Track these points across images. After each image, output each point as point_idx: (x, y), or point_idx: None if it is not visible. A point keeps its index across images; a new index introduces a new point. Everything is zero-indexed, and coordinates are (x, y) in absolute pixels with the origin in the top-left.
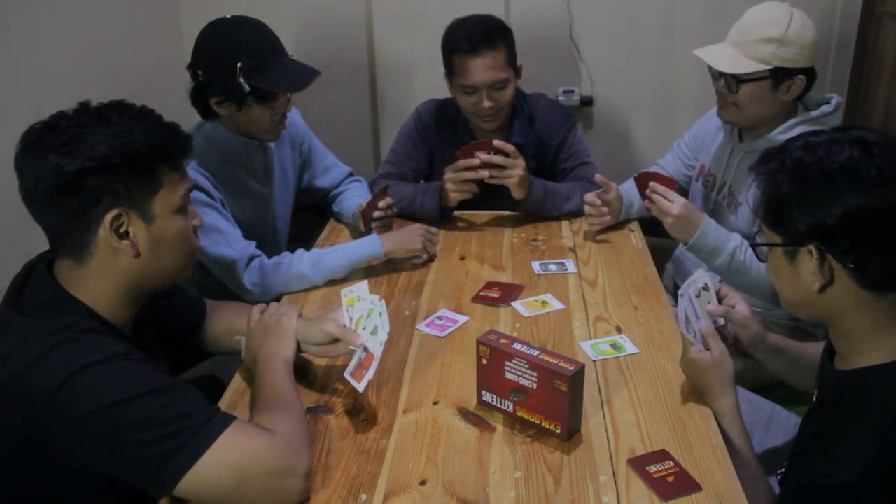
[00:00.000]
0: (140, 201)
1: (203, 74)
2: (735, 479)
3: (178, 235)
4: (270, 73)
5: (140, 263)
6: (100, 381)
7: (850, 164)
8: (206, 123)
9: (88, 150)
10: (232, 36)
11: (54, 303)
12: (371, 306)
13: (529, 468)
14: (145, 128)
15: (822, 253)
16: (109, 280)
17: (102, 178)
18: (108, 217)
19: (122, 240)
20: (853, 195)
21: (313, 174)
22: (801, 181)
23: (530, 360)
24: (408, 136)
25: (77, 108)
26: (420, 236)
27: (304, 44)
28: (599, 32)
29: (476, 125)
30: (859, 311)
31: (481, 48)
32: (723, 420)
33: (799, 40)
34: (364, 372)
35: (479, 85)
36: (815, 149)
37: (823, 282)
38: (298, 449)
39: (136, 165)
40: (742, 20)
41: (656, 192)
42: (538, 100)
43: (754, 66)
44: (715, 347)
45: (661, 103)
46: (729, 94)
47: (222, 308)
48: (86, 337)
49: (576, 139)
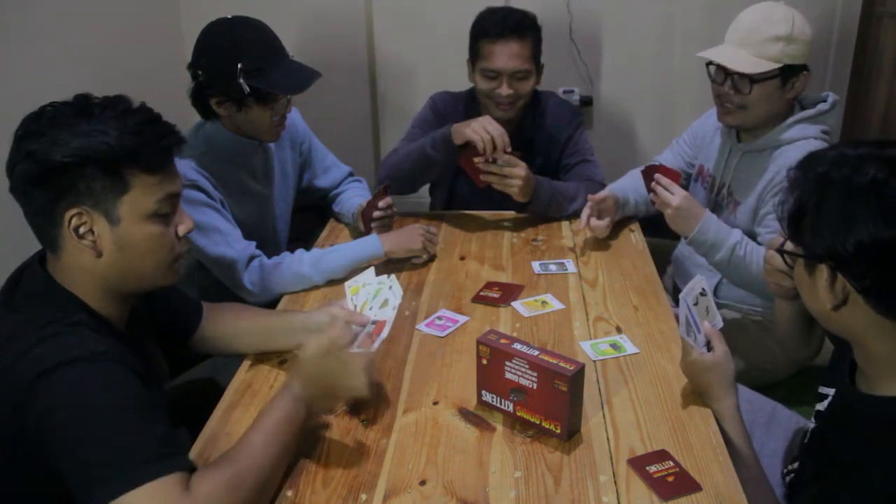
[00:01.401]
0: (104, 202)
1: (203, 74)
2: (735, 479)
3: (147, 241)
4: (271, 74)
5: (106, 263)
6: (72, 380)
7: (871, 188)
8: (205, 123)
9: (57, 146)
10: (232, 36)
11: (46, 294)
12: (378, 286)
13: (529, 468)
14: (123, 128)
15: (834, 273)
16: (86, 276)
17: (65, 176)
18: (68, 215)
19: (81, 239)
20: (867, 225)
21: (313, 174)
22: (820, 199)
23: (530, 360)
24: (425, 120)
25: (70, 100)
26: (420, 236)
27: (305, 44)
28: (599, 32)
29: (489, 113)
30: (879, 334)
31: (510, 35)
32: (723, 421)
33: (803, 37)
34: (375, 338)
35: (502, 71)
36: (843, 165)
37: (836, 302)
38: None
39: (102, 166)
40: (744, 21)
41: (660, 183)
42: (549, 97)
43: (767, 66)
44: (718, 347)
45: (661, 103)
46: (737, 95)
47: (221, 310)
48: (72, 331)
49: (581, 137)
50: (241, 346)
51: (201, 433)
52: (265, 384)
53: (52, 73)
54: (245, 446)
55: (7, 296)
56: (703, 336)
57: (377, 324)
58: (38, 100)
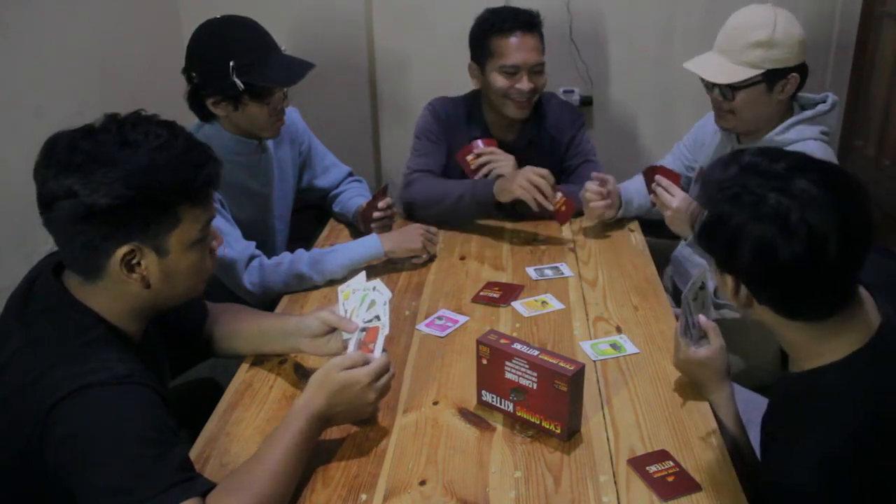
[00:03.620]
0: (155, 237)
1: (197, 76)
2: (735, 480)
3: (191, 267)
4: (263, 69)
5: (150, 292)
6: (91, 407)
7: (775, 210)
8: (204, 125)
9: (105, 185)
10: (223, 35)
11: (60, 309)
12: (365, 292)
13: (529, 468)
14: (169, 161)
15: (737, 284)
16: (119, 301)
17: (118, 216)
18: (120, 252)
19: (131, 273)
20: (761, 241)
21: (313, 174)
22: (726, 209)
23: (530, 360)
24: (429, 130)
25: (102, 125)
26: (420, 236)
27: (304, 43)
28: (599, 32)
29: (504, 112)
30: (789, 329)
31: (525, 29)
32: (718, 410)
33: (787, 39)
34: (371, 346)
35: (524, 65)
36: (748, 193)
37: (741, 305)
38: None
39: (156, 204)
40: (726, 26)
41: (660, 185)
42: (549, 98)
43: (746, 73)
44: (714, 342)
45: (661, 103)
46: (725, 101)
47: (222, 311)
48: (90, 352)
49: (584, 138)
50: (239, 347)
51: (201, 433)
52: (265, 384)
53: (52, 74)
54: (263, 470)
55: (19, 306)
56: (699, 330)
57: (368, 331)
58: (38, 100)
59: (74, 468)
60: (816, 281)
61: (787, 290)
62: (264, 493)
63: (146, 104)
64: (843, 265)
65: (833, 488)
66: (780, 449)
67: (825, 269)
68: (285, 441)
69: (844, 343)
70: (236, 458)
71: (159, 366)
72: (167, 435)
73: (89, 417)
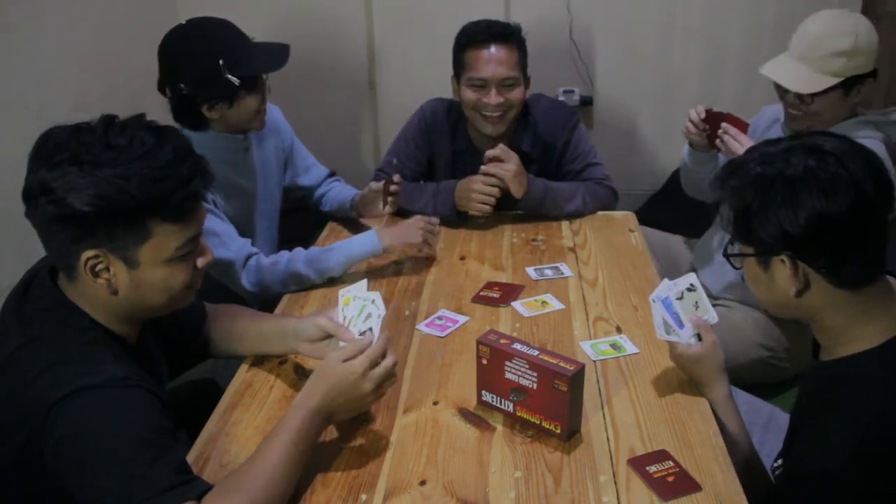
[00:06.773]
0: (123, 248)
1: (188, 86)
2: (735, 480)
3: (164, 281)
4: (250, 59)
5: (121, 298)
6: (89, 409)
7: (805, 175)
8: (192, 133)
9: (77, 190)
10: (202, 39)
11: (56, 310)
12: (364, 302)
13: (529, 468)
14: (147, 173)
15: (794, 261)
16: (99, 304)
17: (84, 221)
18: (84, 256)
19: (96, 278)
20: (813, 203)
21: (296, 172)
22: (764, 193)
23: (530, 360)
24: (411, 136)
25: (92, 126)
26: (420, 230)
27: (304, 44)
28: (599, 32)
29: (478, 128)
30: (836, 308)
31: (497, 42)
32: (717, 408)
33: (867, 48)
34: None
35: (491, 79)
36: (773, 161)
37: (800, 287)
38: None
39: (122, 216)
40: (807, 33)
41: (727, 132)
42: (537, 101)
43: (828, 82)
44: (706, 338)
45: (661, 103)
46: (802, 105)
47: (220, 312)
48: (88, 352)
49: (581, 139)
50: (237, 349)
51: (201, 434)
52: (265, 384)
53: (52, 74)
54: (261, 470)
55: (17, 305)
56: (690, 328)
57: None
58: (38, 100)
59: (72, 470)
60: (865, 229)
61: (842, 246)
62: (262, 493)
63: (146, 104)
64: (883, 207)
65: (867, 475)
66: (810, 435)
67: (869, 213)
68: (283, 439)
69: (879, 329)
70: (236, 458)
71: (157, 368)
72: (165, 437)
73: (87, 419)
